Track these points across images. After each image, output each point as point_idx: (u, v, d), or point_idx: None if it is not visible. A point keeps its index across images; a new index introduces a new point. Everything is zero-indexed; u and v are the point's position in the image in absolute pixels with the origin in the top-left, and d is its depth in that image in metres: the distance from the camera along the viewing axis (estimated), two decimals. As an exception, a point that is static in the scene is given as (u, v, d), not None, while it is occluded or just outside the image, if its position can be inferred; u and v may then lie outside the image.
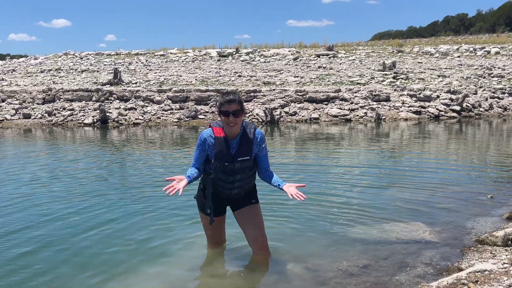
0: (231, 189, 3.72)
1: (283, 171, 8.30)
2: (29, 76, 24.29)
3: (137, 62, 27.36)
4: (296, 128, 16.00)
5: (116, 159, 10.32)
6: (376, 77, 21.97)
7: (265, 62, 27.15)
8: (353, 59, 27.43)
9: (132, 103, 18.49)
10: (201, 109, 18.12)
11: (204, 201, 3.82)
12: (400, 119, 17.74)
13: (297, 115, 17.90)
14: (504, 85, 21.37)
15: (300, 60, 27.27)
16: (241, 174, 3.66)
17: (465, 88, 20.26)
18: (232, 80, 21.34)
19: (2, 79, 23.34)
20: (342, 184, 7.17)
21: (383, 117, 17.67)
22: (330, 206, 5.80)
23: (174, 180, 3.46)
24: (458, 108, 18.58)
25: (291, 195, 3.49)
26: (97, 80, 21.64)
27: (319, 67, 25.00)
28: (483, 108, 19.19)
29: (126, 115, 17.65)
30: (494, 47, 31.16)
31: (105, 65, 26.86)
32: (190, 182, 3.57)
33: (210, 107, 18.05)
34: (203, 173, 3.76)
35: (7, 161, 9.95)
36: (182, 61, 27.91)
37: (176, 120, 17.47)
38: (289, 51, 30.10)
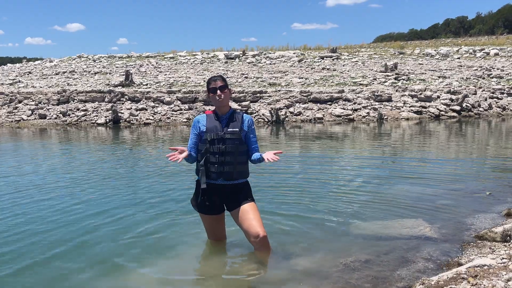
0: (222, 163, 3.72)
1: (287, 168, 8.29)
2: (44, 78, 24.46)
3: (147, 65, 27.44)
4: (301, 127, 15.97)
5: (126, 156, 10.34)
6: (378, 78, 21.87)
7: (270, 64, 27.12)
8: (356, 61, 27.33)
9: (143, 104, 18.54)
10: (209, 109, 18.09)
11: (198, 194, 3.85)
12: (402, 118, 17.65)
13: (301, 115, 17.86)
14: (503, 85, 21.20)
15: (305, 62, 27.22)
16: (231, 146, 3.72)
17: (465, 89, 20.11)
18: (239, 82, 21.33)
19: (19, 81, 23.51)
20: (344, 181, 7.14)
21: (385, 117, 17.59)
22: (332, 202, 5.77)
23: (177, 150, 3.63)
24: (458, 108, 18.45)
25: (267, 159, 3.64)
26: (109, 81, 21.74)
27: (323, 68, 24.93)
28: (483, 108, 19.04)
29: (137, 115, 17.71)
30: (493, 49, 30.91)
31: (117, 67, 26.97)
32: (189, 156, 3.73)
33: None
34: (196, 158, 3.83)
35: (21, 158, 10.02)
36: (191, 63, 27.96)
37: (185, 120, 17.49)
38: (294, 53, 30.05)
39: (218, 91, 3.78)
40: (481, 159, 9.54)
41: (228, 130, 3.75)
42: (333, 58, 28.07)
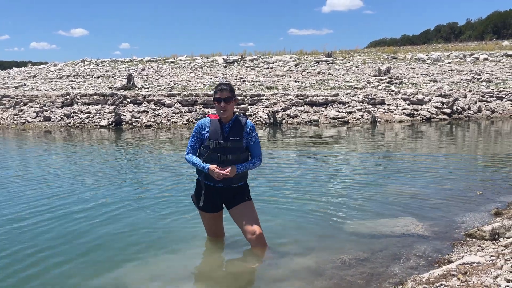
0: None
1: (284, 168, 8.30)
2: (49, 82, 24.40)
3: (149, 68, 27.41)
4: (297, 129, 15.98)
5: (128, 156, 10.32)
6: (372, 82, 21.91)
7: (268, 68, 27.13)
8: (351, 65, 27.36)
9: (144, 106, 18.52)
10: (209, 111, 18.05)
11: (199, 193, 3.87)
12: (394, 121, 17.68)
13: (298, 117, 17.87)
14: (492, 89, 21.26)
15: (301, 66, 27.23)
16: (233, 155, 3.70)
17: (455, 92, 20.17)
18: (238, 85, 21.33)
19: (24, 84, 23.46)
20: (339, 180, 7.15)
21: (379, 119, 17.61)
22: (327, 201, 5.78)
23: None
24: (448, 111, 18.49)
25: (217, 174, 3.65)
26: (112, 85, 21.71)
27: (319, 72, 24.96)
28: (472, 110, 19.10)
29: (139, 117, 17.69)
30: (482, 54, 31.00)
31: (119, 71, 26.93)
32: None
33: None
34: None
35: (27, 158, 10.00)
36: (191, 67, 27.95)
37: (186, 122, 17.48)
38: (290, 58, 30.07)
39: (223, 103, 3.66)
40: (471, 160, 9.57)
41: (230, 138, 3.68)
42: (328, 62, 28.11)
